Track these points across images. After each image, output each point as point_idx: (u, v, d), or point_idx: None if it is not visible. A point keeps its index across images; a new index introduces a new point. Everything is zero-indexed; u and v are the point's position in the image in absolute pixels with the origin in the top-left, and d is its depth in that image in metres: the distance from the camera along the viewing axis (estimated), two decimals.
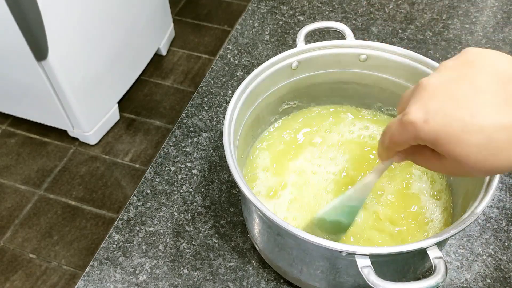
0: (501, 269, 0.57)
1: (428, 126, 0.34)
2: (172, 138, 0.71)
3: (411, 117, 0.35)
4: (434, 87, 0.35)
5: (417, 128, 0.35)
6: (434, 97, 0.35)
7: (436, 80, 0.35)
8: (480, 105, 0.33)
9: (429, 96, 0.35)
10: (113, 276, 0.58)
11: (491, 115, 0.33)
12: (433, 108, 0.34)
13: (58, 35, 1.39)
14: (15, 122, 1.80)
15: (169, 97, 1.89)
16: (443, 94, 0.34)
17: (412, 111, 0.35)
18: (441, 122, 0.34)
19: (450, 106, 0.33)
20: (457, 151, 0.34)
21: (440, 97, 0.34)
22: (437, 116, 0.34)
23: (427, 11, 0.88)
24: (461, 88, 0.34)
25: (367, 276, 0.41)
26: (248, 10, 0.89)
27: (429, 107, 0.34)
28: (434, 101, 0.34)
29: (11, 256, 1.48)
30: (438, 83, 0.35)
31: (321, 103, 0.64)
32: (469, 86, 0.34)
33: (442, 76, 0.35)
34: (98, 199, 1.60)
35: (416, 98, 0.36)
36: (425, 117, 0.34)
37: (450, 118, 0.33)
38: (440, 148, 0.35)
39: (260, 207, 0.44)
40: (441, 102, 0.34)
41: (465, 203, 0.50)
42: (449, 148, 0.34)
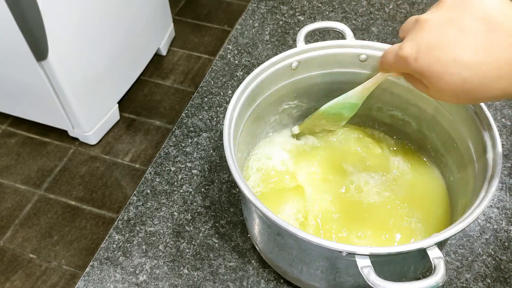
0: (501, 269, 0.57)
1: (417, 63, 0.41)
2: (172, 138, 0.71)
3: (404, 53, 0.41)
4: (429, 26, 0.40)
5: (408, 63, 0.41)
6: (427, 37, 0.40)
7: (432, 18, 0.41)
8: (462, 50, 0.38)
9: (423, 35, 0.40)
10: (113, 276, 0.58)
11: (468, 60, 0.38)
12: (423, 48, 0.40)
13: (58, 35, 1.39)
14: (15, 122, 1.80)
15: (169, 97, 1.89)
16: (435, 35, 0.40)
17: (405, 46, 0.41)
18: (428, 62, 0.40)
19: (439, 48, 0.39)
20: (437, 86, 0.40)
21: (432, 38, 0.40)
22: (426, 56, 0.40)
23: (427, 11, 0.88)
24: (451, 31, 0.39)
25: (367, 276, 0.41)
26: (248, 10, 0.89)
27: (420, 46, 0.40)
28: (426, 40, 0.40)
29: (11, 256, 1.48)
30: (433, 23, 0.40)
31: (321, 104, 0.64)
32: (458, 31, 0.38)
33: (438, 15, 0.40)
34: (98, 199, 1.60)
35: (413, 34, 0.42)
36: (416, 55, 0.40)
37: (436, 59, 0.39)
38: (425, 80, 0.41)
39: (260, 207, 0.44)
40: (431, 43, 0.40)
41: (465, 203, 0.50)
42: (432, 83, 0.41)
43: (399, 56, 0.42)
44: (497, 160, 0.47)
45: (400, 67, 0.44)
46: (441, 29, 0.39)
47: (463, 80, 0.38)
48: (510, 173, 0.66)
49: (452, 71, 0.39)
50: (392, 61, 0.44)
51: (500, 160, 0.47)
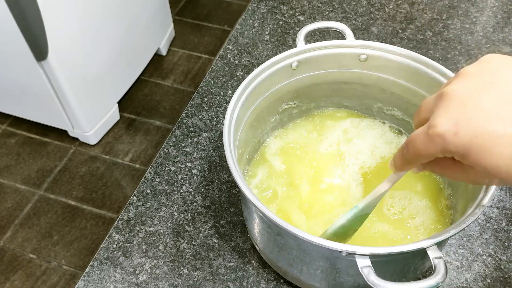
0: (501, 269, 0.57)
1: (458, 138, 0.33)
2: (172, 138, 0.71)
3: (439, 130, 0.34)
4: (460, 96, 0.34)
5: (446, 141, 0.34)
6: (462, 107, 0.33)
7: (461, 88, 0.34)
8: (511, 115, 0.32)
9: (456, 106, 0.34)
10: (113, 276, 0.58)
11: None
12: (462, 119, 0.33)
13: (58, 35, 1.39)
14: (15, 122, 1.80)
15: (169, 97, 1.89)
16: (471, 104, 0.33)
17: (440, 123, 0.34)
18: (471, 134, 0.33)
19: (480, 117, 0.33)
20: (488, 163, 0.33)
21: (468, 107, 0.33)
22: (467, 128, 0.33)
23: (427, 11, 0.88)
24: (489, 98, 0.33)
25: (367, 276, 0.41)
26: (248, 10, 0.89)
27: (458, 119, 0.33)
28: (462, 111, 0.33)
29: (11, 256, 1.48)
30: (464, 92, 0.34)
31: (321, 104, 0.64)
32: (497, 96, 0.33)
33: (466, 84, 0.35)
34: (98, 199, 1.60)
35: (442, 108, 0.34)
36: (455, 129, 0.33)
37: (481, 129, 0.32)
38: (469, 160, 0.34)
39: (260, 207, 0.44)
40: (470, 113, 0.33)
41: (465, 203, 0.50)
42: (480, 161, 0.33)
43: (433, 135, 0.34)
44: None
45: (434, 150, 0.35)
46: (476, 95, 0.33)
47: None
48: None
49: (505, 142, 0.32)
50: (423, 145, 0.36)
51: None
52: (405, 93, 0.58)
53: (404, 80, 0.57)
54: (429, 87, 0.56)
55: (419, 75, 0.55)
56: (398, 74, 0.57)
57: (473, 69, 0.36)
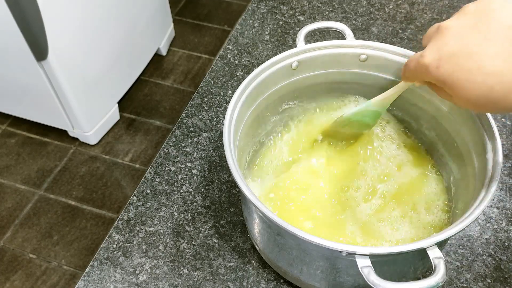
0: (501, 269, 0.57)
1: (439, 72, 0.39)
2: (172, 138, 0.71)
3: (425, 60, 0.40)
4: (451, 34, 0.39)
5: (429, 71, 0.40)
6: (449, 44, 0.38)
7: (454, 25, 0.39)
8: (488, 58, 0.36)
9: (445, 43, 0.39)
10: (113, 276, 0.58)
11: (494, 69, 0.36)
12: (445, 55, 0.38)
13: (58, 35, 1.39)
14: (15, 122, 1.80)
15: (169, 97, 1.89)
16: (458, 43, 0.38)
17: (427, 54, 0.40)
18: (450, 70, 0.38)
19: (462, 55, 0.37)
20: (461, 95, 0.39)
21: (454, 45, 0.38)
22: (448, 64, 0.38)
23: (427, 11, 0.88)
24: (474, 38, 0.37)
25: (367, 276, 0.41)
26: (248, 10, 0.89)
27: (442, 53, 0.39)
28: (448, 48, 0.38)
29: (11, 256, 1.48)
30: (455, 30, 0.39)
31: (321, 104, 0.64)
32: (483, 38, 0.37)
33: (461, 21, 0.39)
34: (98, 199, 1.60)
35: (434, 41, 0.40)
36: (437, 63, 0.39)
37: (459, 67, 0.38)
38: (447, 89, 0.40)
39: (260, 207, 0.44)
40: (454, 50, 0.38)
41: (465, 203, 0.50)
42: (455, 92, 0.39)
43: (420, 64, 0.41)
44: (497, 160, 0.47)
45: (421, 75, 0.42)
46: (464, 36, 0.38)
47: (488, 89, 0.37)
48: (510, 173, 0.66)
49: (477, 80, 0.37)
50: (414, 69, 0.43)
51: (500, 160, 0.47)
52: (405, 93, 0.58)
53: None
54: None
55: None
56: (398, 74, 0.57)
57: (473, 6, 0.39)
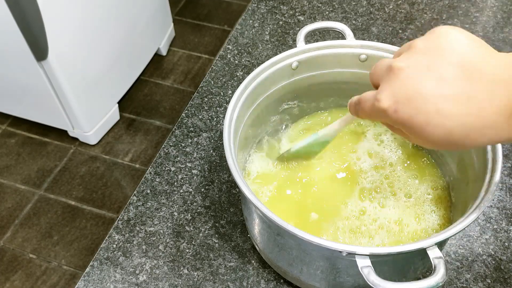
0: (501, 269, 0.57)
1: (397, 115, 0.38)
2: (172, 138, 0.71)
3: (382, 105, 0.39)
4: (404, 75, 0.38)
5: (387, 115, 0.39)
6: (404, 87, 0.38)
7: (406, 66, 0.38)
8: (444, 100, 0.36)
9: (399, 86, 0.38)
10: (113, 276, 0.58)
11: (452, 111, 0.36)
12: (402, 99, 0.38)
13: (58, 35, 1.39)
14: (15, 122, 1.80)
15: (169, 97, 1.89)
16: (413, 85, 0.37)
17: (384, 99, 0.39)
18: (408, 114, 0.38)
19: (419, 99, 0.37)
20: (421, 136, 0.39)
21: (410, 88, 0.37)
22: (406, 107, 0.38)
23: (427, 11, 0.88)
24: (429, 79, 0.37)
25: (367, 276, 0.41)
26: (248, 10, 0.89)
27: (398, 97, 0.38)
28: (403, 92, 0.38)
29: (11, 256, 1.48)
30: (408, 71, 0.38)
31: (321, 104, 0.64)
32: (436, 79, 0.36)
33: (413, 61, 0.38)
34: (98, 199, 1.60)
35: (388, 84, 0.39)
36: (395, 107, 0.38)
37: (417, 111, 0.37)
38: (405, 131, 0.39)
39: (260, 207, 0.44)
40: (410, 94, 0.37)
41: (465, 203, 0.50)
42: (414, 134, 0.39)
43: (377, 108, 0.40)
44: (497, 160, 0.47)
45: (378, 118, 0.41)
46: (418, 77, 0.37)
47: (447, 132, 0.37)
48: (510, 173, 0.66)
49: (436, 123, 0.37)
50: (369, 111, 0.42)
51: (500, 160, 0.47)
52: None
53: None
54: None
55: None
56: None
57: (421, 43, 0.39)
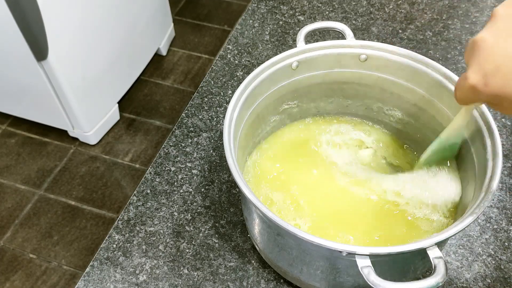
0: (501, 269, 0.57)
1: (488, 89, 0.36)
2: (172, 138, 0.71)
3: (471, 82, 0.37)
4: (488, 45, 0.36)
5: (479, 91, 0.37)
6: (490, 57, 0.36)
7: (489, 36, 0.36)
8: None
9: (484, 57, 0.36)
10: (113, 276, 0.58)
11: None
12: (490, 70, 0.36)
13: (58, 35, 1.39)
14: (15, 122, 1.80)
15: (169, 97, 1.89)
16: (499, 53, 0.35)
17: (471, 76, 0.37)
18: (500, 84, 0.35)
19: (508, 65, 0.35)
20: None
21: (495, 56, 0.36)
22: (495, 78, 0.35)
23: (427, 11, 0.88)
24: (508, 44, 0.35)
25: (367, 276, 0.41)
26: (248, 10, 0.89)
27: (486, 69, 0.36)
28: (490, 61, 0.36)
29: (11, 256, 1.48)
30: (491, 41, 0.36)
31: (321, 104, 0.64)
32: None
33: (494, 29, 0.37)
34: (98, 199, 1.60)
35: (473, 60, 0.37)
36: (484, 80, 0.36)
37: (507, 79, 0.35)
38: (505, 103, 0.37)
39: (260, 207, 0.44)
40: (496, 64, 0.35)
41: (465, 203, 0.50)
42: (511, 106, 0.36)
43: (467, 87, 0.38)
44: (497, 160, 0.47)
45: (473, 97, 0.39)
46: (502, 45, 0.36)
47: None
48: (510, 173, 0.66)
49: None
50: (464, 94, 0.40)
51: (500, 160, 0.47)
52: (405, 93, 0.58)
53: (404, 80, 0.57)
54: (429, 87, 0.56)
55: (419, 75, 0.55)
56: (398, 74, 0.57)
57: (502, 10, 0.37)
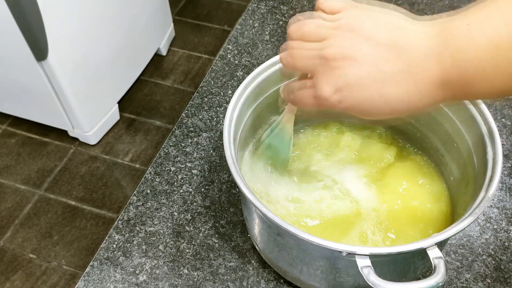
0: (501, 269, 0.57)
1: (342, 104, 0.40)
2: (172, 138, 0.71)
3: (325, 95, 0.40)
4: (340, 64, 0.39)
5: (332, 104, 0.40)
6: (343, 76, 0.39)
7: (335, 52, 0.39)
8: (384, 84, 0.38)
9: (334, 73, 0.39)
10: (113, 276, 0.58)
11: (394, 92, 0.38)
12: (344, 88, 0.39)
13: (58, 35, 1.39)
14: (15, 122, 1.80)
15: (169, 97, 1.89)
16: (351, 73, 0.38)
17: (325, 89, 0.40)
18: (353, 101, 0.39)
19: (361, 87, 0.38)
20: (366, 116, 0.41)
21: (349, 76, 0.38)
22: (350, 96, 0.39)
23: (427, 11, 0.88)
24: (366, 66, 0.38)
25: (367, 276, 0.41)
26: (248, 10, 0.89)
27: (340, 86, 0.39)
28: (343, 79, 0.39)
29: (11, 256, 1.48)
30: (339, 56, 0.39)
31: None
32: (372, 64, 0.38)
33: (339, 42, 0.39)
34: (98, 199, 1.60)
35: (325, 73, 0.40)
36: (338, 97, 0.39)
37: (361, 98, 0.39)
38: (352, 113, 0.41)
39: (260, 207, 0.44)
40: (351, 82, 0.38)
41: (465, 203, 0.50)
42: (360, 115, 0.41)
43: (320, 98, 0.40)
44: (497, 160, 0.47)
45: (322, 106, 0.42)
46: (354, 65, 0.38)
47: (391, 109, 0.39)
48: (510, 173, 0.66)
49: (380, 105, 0.39)
50: (312, 102, 0.42)
51: (500, 160, 0.47)
52: None
53: None
54: None
55: None
56: None
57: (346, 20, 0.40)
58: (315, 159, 0.60)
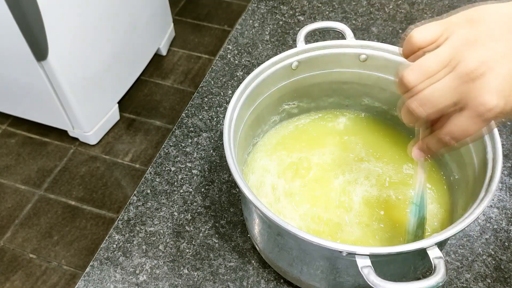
0: (501, 269, 0.57)
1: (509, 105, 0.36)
2: (172, 138, 0.71)
3: (490, 104, 0.36)
4: (478, 70, 0.36)
5: (498, 111, 0.36)
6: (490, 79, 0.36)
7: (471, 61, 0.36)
8: None
9: (484, 81, 0.36)
10: (113, 276, 0.58)
11: None
12: (500, 88, 0.36)
13: (58, 35, 1.39)
14: (15, 122, 1.80)
15: (169, 97, 1.89)
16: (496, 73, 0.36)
17: (485, 98, 0.36)
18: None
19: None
20: None
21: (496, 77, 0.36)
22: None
23: (427, 11, 0.88)
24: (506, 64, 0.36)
25: (367, 276, 0.41)
26: (248, 10, 0.89)
27: (496, 88, 0.36)
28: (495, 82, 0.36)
29: (11, 256, 1.48)
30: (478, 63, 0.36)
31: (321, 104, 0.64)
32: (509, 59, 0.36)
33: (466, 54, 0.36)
34: (98, 199, 1.60)
35: (471, 88, 0.36)
36: (502, 99, 0.36)
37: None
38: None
39: (260, 207, 0.44)
40: (501, 81, 0.36)
41: (465, 203, 0.50)
42: None
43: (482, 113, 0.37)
44: (497, 160, 0.47)
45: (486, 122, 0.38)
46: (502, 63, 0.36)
47: None
48: (510, 173, 0.66)
49: None
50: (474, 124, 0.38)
51: (500, 160, 0.47)
52: None
53: None
54: None
55: None
56: None
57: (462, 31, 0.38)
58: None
